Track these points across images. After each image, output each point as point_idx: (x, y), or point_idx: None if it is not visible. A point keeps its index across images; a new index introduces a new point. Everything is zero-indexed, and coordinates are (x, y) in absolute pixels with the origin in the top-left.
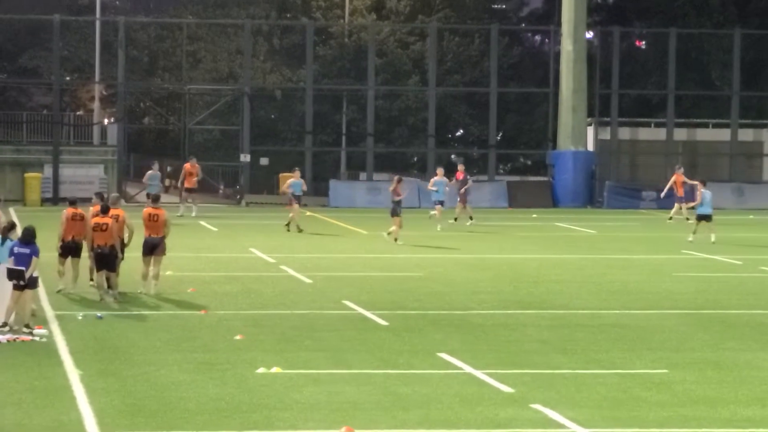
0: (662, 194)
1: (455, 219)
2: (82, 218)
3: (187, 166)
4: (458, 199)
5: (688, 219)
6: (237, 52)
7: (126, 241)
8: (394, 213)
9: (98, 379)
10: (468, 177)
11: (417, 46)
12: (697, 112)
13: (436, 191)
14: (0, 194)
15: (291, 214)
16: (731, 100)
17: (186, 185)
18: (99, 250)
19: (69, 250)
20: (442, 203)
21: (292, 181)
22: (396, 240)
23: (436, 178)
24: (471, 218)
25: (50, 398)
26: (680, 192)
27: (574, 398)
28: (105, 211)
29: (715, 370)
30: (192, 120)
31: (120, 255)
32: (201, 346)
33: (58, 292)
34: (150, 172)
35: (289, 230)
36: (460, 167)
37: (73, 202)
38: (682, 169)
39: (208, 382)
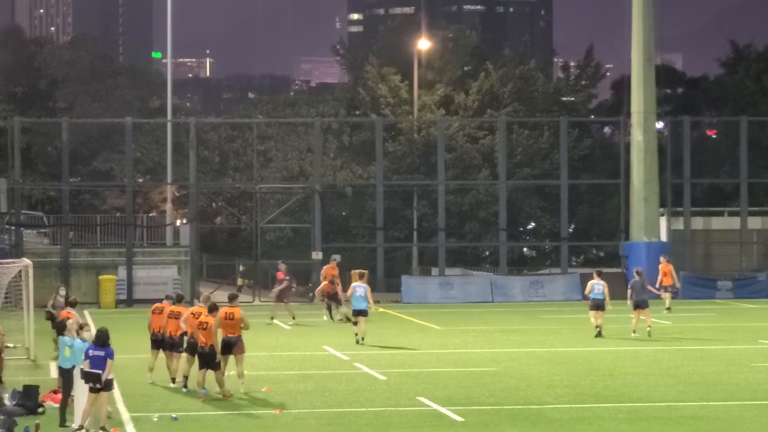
0: (657, 286)
1: (290, 316)
2: (161, 312)
3: (327, 267)
4: (277, 297)
5: (668, 309)
6: (307, 150)
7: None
8: None
9: None
10: (287, 278)
11: (486, 140)
12: None
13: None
14: (75, 297)
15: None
16: None
17: (327, 289)
18: (200, 350)
19: (154, 343)
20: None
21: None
22: None
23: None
24: (294, 318)
25: None
26: (667, 281)
27: None
28: (212, 309)
29: None
30: (264, 219)
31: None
32: None
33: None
34: (354, 283)
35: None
36: (282, 267)
37: (173, 299)
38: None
39: None
